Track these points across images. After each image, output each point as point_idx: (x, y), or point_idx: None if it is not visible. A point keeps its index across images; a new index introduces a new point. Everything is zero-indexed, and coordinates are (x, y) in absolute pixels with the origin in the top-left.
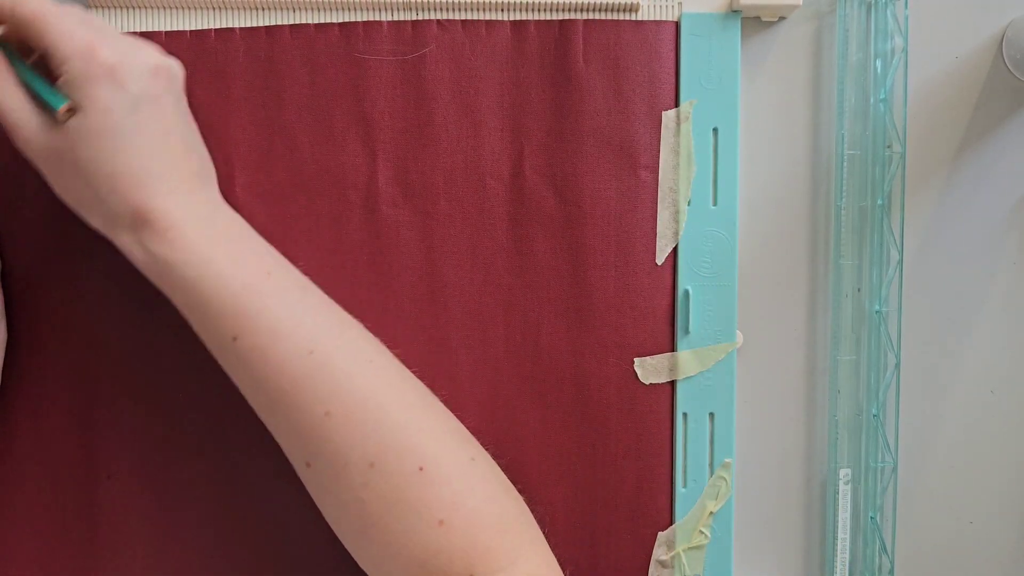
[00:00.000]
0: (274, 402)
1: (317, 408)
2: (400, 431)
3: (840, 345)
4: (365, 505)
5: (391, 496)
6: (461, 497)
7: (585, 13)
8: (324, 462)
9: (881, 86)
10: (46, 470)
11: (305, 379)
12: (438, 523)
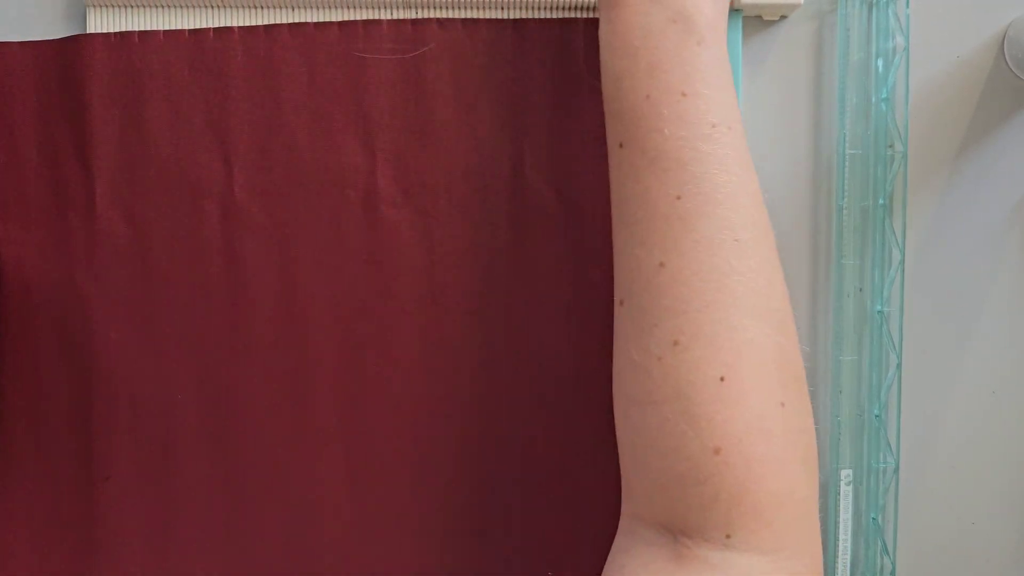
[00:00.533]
0: (625, 219)
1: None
2: (728, 331)
3: (842, 345)
4: (655, 382)
5: (683, 389)
6: (750, 439)
7: (586, 12)
8: (638, 307)
9: (883, 85)
10: (44, 471)
11: (658, 216)
12: (714, 450)
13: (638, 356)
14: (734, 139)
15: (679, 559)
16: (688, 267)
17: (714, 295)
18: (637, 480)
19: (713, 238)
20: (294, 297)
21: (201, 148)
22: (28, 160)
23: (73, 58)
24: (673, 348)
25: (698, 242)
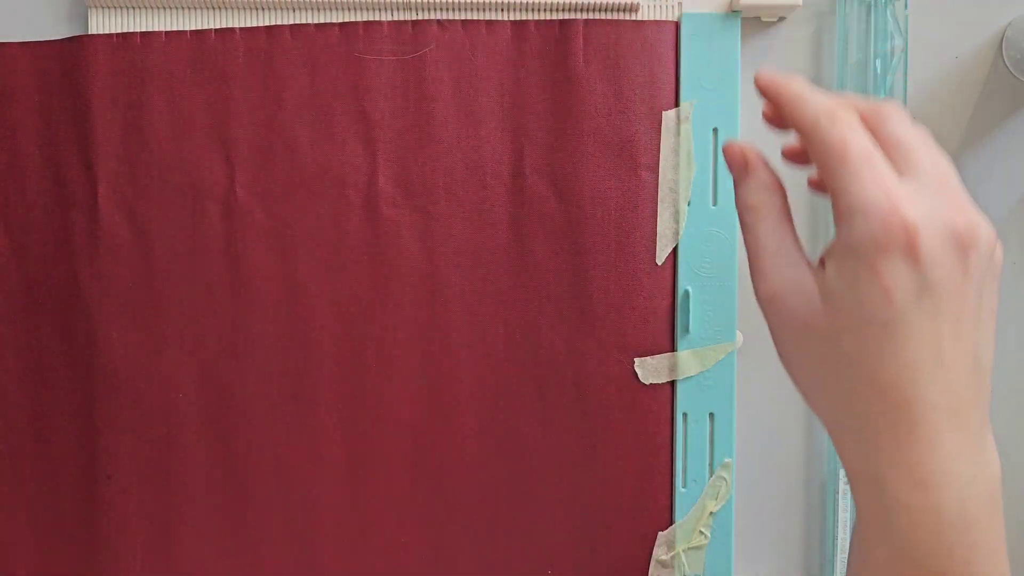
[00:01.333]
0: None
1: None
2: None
3: None
4: None
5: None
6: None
7: (585, 13)
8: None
9: (881, 86)
10: (46, 469)
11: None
12: None
13: None
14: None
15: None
16: None
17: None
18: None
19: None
20: (295, 296)
21: (203, 148)
22: (30, 160)
23: (75, 59)
24: None
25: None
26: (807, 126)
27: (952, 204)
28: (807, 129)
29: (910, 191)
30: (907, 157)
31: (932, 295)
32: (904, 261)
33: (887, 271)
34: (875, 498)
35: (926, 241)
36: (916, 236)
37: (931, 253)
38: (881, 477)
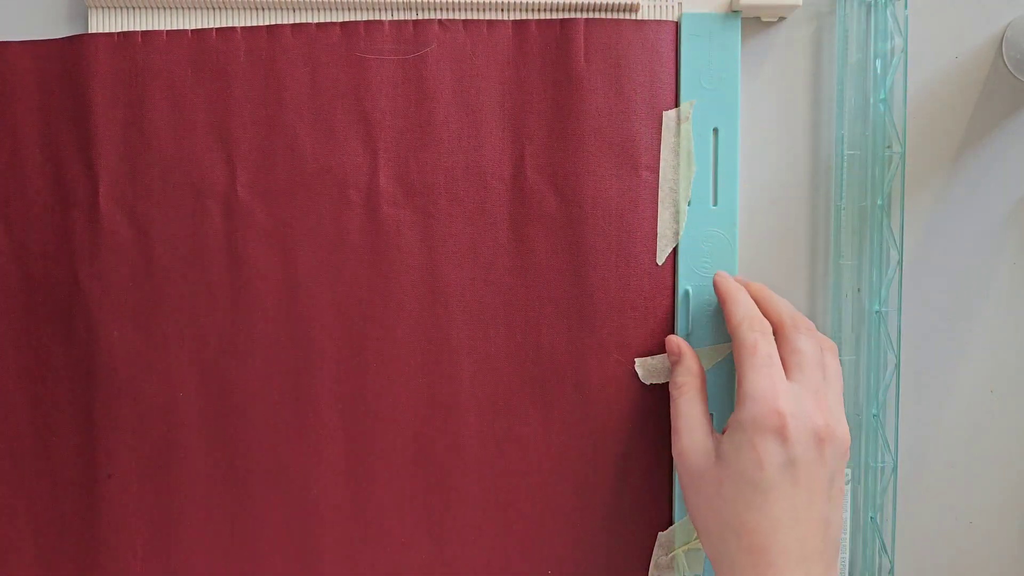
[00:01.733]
0: None
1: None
2: None
3: (840, 345)
4: None
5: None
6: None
7: (586, 13)
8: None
9: (881, 86)
10: (47, 468)
11: None
12: None
13: None
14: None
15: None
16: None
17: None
18: None
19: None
20: (295, 296)
21: (203, 148)
22: (31, 160)
23: (76, 58)
24: None
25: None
26: (734, 326)
27: (818, 407)
28: (733, 328)
29: (791, 390)
30: (798, 364)
31: (794, 469)
32: (775, 440)
33: (761, 445)
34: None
35: (793, 428)
36: (786, 423)
37: (796, 437)
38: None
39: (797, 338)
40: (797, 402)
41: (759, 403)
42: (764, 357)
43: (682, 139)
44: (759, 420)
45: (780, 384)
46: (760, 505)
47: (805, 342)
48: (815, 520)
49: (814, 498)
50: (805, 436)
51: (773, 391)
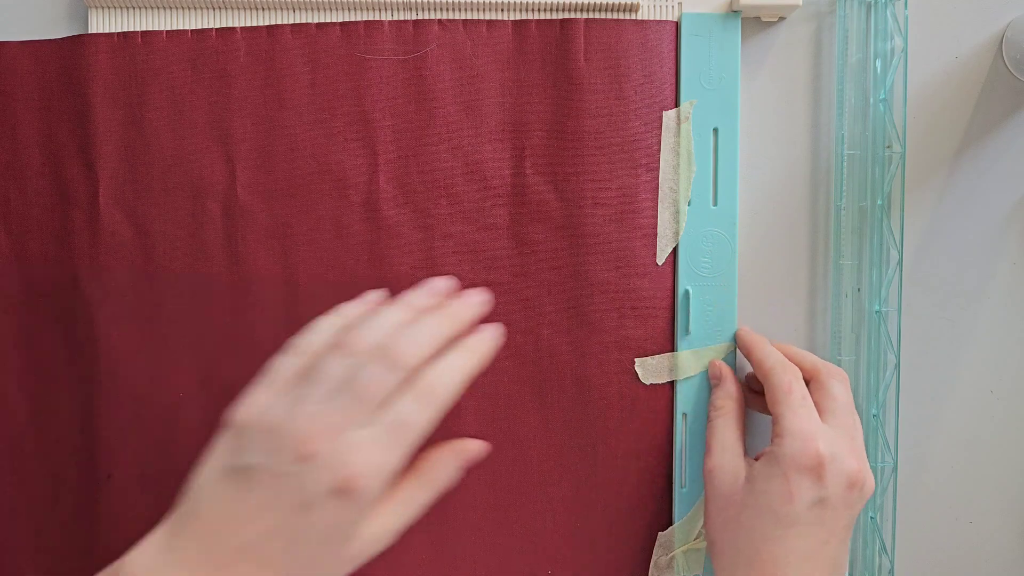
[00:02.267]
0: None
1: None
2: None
3: (840, 345)
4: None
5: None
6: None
7: (586, 13)
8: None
9: (881, 86)
10: (47, 469)
11: None
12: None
13: None
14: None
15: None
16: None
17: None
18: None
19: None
20: (296, 296)
21: (203, 148)
22: (31, 160)
23: (76, 58)
24: None
25: None
26: (766, 369)
27: (853, 452)
28: (766, 372)
29: (829, 433)
30: (832, 410)
31: (822, 508)
32: (811, 479)
33: (796, 480)
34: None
35: (830, 470)
36: (823, 463)
37: (830, 478)
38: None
39: (832, 384)
40: (834, 445)
41: (799, 440)
42: (800, 397)
43: (682, 139)
44: (797, 457)
45: (818, 425)
46: (779, 538)
47: (840, 388)
48: (826, 560)
49: (831, 539)
50: (839, 479)
51: (812, 431)
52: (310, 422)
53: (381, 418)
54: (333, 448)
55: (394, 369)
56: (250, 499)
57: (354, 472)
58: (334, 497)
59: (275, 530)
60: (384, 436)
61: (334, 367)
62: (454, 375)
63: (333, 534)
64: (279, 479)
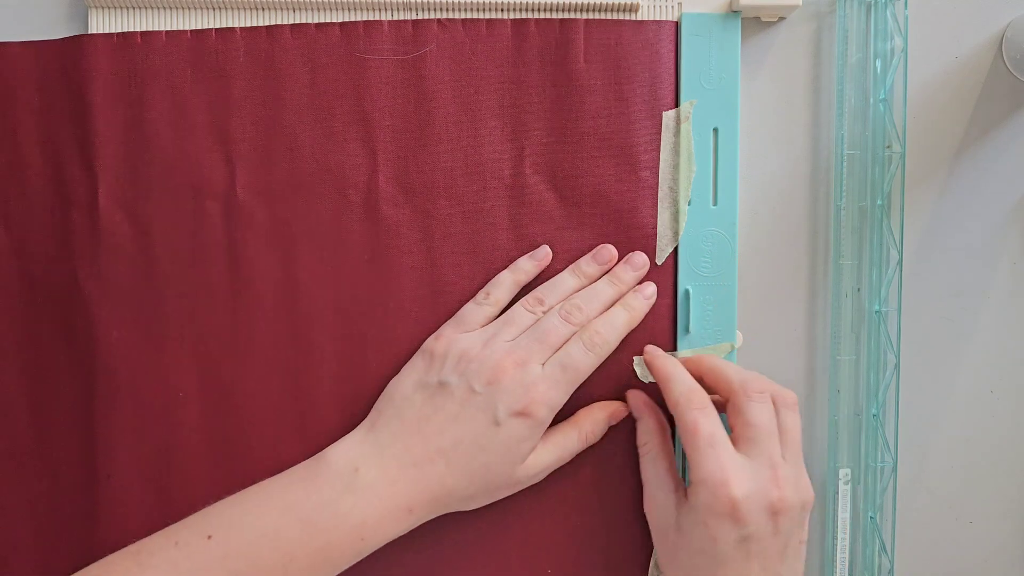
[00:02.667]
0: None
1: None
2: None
3: (840, 345)
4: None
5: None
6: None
7: (585, 13)
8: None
9: (881, 86)
10: (47, 469)
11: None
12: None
13: None
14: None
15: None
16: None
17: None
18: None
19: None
20: (295, 296)
21: (203, 148)
22: (31, 160)
23: (76, 58)
24: None
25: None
26: (671, 404)
27: (773, 481)
28: (671, 406)
29: (743, 468)
30: (750, 438)
31: (747, 543)
32: (728, 522)
33: (714, 527)
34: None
35: (746, 510)
36: (738, 507)
37: (749, 516)
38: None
39: (749, 409)
40: (751, 479)
41: (709, 489)
42: (706, 437)
43: (682, 139)
44: (711, 506)
45: (729, 464)
46: (715, 574)
47: (757, 412)
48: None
49: (768, 563)
50: (758, 514)
51: (723, 475)
52: (502, 354)
53: (555, 359)
54: (519, 377)
55: (571, 324)
56: (446, 408)
57: (535, 399)
58: (516, 417)
59: (465, 438)
60: (557, 374)
61: (523, 316)
62: (616, 328)
63: (511, 451)
64: (471, 396)
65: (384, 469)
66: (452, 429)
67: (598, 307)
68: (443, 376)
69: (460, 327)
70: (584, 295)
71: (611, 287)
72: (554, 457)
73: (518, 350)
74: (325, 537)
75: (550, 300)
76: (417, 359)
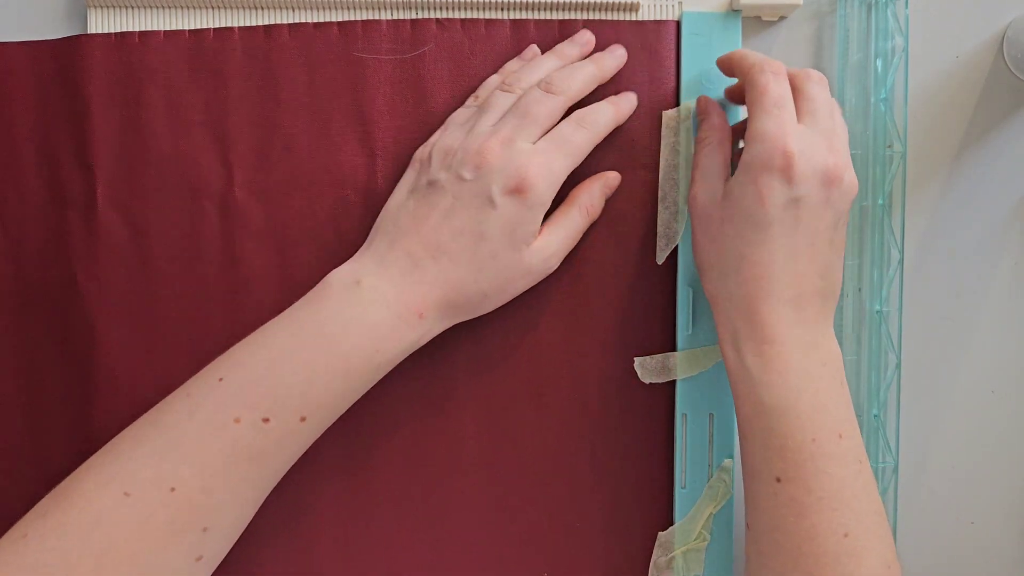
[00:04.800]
0: (785, 551)
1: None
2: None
3: (841, 345)
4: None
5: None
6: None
7: (585, 12)
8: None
9: (882, 86)
10: (43, 471)
11: (828, 555)
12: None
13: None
14: (869, 470)
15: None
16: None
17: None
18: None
19: (876, 572)
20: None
21: (200, 148)
22: (28, 160)
23: (73, 58)
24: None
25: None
26: (745, 71)
27: (831, 150)
28: (745, 74)
29: (801, 132)
30: (811, 110)
31: (797, 209)
32: (780, 179)
33: (765, 183)
34: (736, 359)
35: (799, 167)
36: (792, 162)
37: (802, 177)
38: (740, 335)
39: (810, 86)
40: (807, 143)
41: (767, 142)
42: (775, 98)
43: (682, 139)
44: (765, 159)
45: (790, 125)
46: (760, 241)
47: (818, 90)
48: (815, 261)
49: (816, 240)
50: (812, 176)
51: (782, 131)
52: (484, 138)
53: (546, 137)
54: (507, 155)
55: (554, 94)
56: (440, 205)
57: (527, 174)
58: (511, 196)
59: (464, 228)
60: (550, 147)
61: (501, 100)
62: (606, 115)
63: (514, 233)
64: (462, 185)
65: (387, 276)
66: (449, 222)
67: (581, 83)
68: (432, 175)
69: (444, 130)
70: (564, 71)
71: (592, 65)
72: (561, 237)
73: (503, 128)
74: (340, 348)
75: (529, 80)
76: (408, 171)
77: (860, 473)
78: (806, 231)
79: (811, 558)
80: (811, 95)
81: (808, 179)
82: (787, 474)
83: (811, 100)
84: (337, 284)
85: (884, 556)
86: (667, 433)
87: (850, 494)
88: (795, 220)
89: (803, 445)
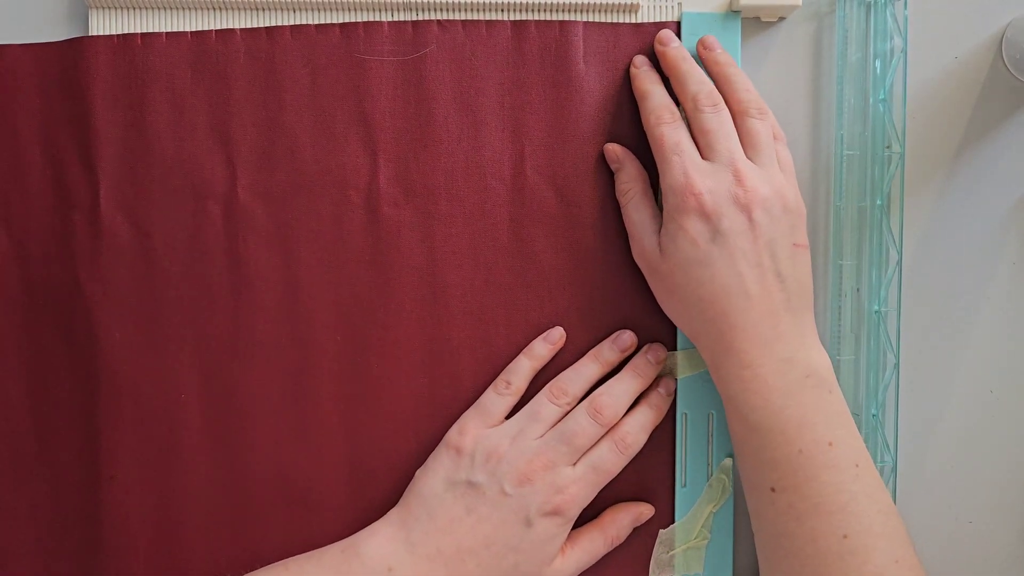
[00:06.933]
0: (791, 554)
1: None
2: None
3: (839, 345)
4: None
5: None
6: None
7: (585, 14)
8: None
9: (880, 86)
10: (49, 471)
11: (831, 555)
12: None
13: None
14: (872, 471)
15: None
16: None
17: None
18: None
19: (885, 569)
20: (296, 297)
21: (204, 150)
22: (32, 162)
23: (76, 60)
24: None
25: (874, 574)
26: (644, 122)
27: (736, 178)
28: (644, 125)
29: (704, 169)
30: (707, 145)
31: (724, 239)
32: (698, 219)
33: (690, 226)
34: (721, 383)
35: (710, 204)
36: (702, 200)
37: (716, 210)
38: (721, 365)
39: (696, 119)
40: (713, 179)
41: (676, 191)
42: (671, 147)
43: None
44: (680, 206)
45: (691, 166)
46: (708, 279)
47: (706, 120)
48: (766, 279)
49: (760, 259)
50: (726, 207)
51: (685, 176)
52: (532, 456)
53: (585, 460)
54: (548, 479)
55: (598, 424)
56: (477, 510)
57: (566, 499)
58: (548, 517)
59: (498, 540)
60: (588, 474)
61: (548, 409)
62: (643, 431)
63: (541, 550)
64: (503, 498)
65: (416, 569)
66: (483, 530)
67: (625, 404)
68: (472, 475)
69: (483, 419)
70: (610, 393)
71: (635, 380)
72: (580, 561)
73: (547, 451)
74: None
75: (574, 390)
76: (443, 454)
77: (858, 476)
78: (744, 256)
79: (816, 559)
80: (703, 127)
81: (723, 211)
82: (780, 484)
83: (705, 133)
84: (369, 564)
85: (892, 553)
86: (667, 432)
87: (847, 498)
88: (729, 250)
89: (791, 457)
